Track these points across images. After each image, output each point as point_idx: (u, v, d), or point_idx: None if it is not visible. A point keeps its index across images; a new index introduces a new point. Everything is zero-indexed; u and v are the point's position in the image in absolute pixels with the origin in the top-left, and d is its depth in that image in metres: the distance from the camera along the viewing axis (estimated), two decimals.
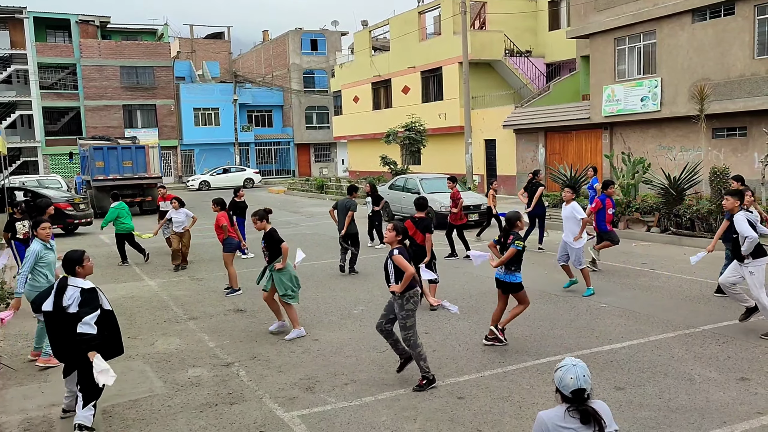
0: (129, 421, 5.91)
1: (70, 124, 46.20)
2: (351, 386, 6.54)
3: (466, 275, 11.79)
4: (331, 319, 9.20)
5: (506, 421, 5.61)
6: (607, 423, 3.29)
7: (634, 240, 15.29)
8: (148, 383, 6.87)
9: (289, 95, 52.30)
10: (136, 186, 26.24)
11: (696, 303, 9.30)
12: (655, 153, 20.98)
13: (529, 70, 31.33)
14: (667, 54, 20.16)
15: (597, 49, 22.53)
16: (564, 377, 3.29)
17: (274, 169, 53.58)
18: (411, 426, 5.57)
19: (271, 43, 55.70)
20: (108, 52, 46.35)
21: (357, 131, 40.00)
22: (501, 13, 30.99)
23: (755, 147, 18.27)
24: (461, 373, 6.78)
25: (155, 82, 47.75)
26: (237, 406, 6.16)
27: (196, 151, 50.05)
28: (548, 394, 6.07)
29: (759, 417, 5.50)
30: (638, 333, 7.93)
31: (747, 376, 6.45)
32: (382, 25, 37.52)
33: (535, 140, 26.49)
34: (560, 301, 9.67)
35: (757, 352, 7.13)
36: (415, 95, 33.80)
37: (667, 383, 6.32)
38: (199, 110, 49.78)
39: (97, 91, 46.05)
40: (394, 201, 20.25)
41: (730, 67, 18.46)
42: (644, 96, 20.88)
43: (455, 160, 30.39)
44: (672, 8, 19.61)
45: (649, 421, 5.51)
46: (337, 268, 12.70)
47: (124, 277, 12.95)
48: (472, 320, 8.81)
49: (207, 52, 58.36)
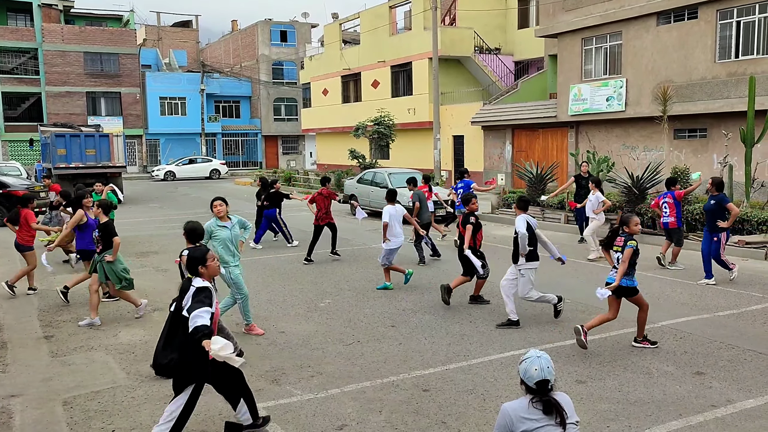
0: (91, 413, 5.83)
1: (31, 110, 44.98)
2: (317, 378, 6.55)
3: (434, 269, 11.89)
4: (297, 311, 9.19)
5: (470, 413, 5.70)
6: (569, 414, 3.37)
7: (598, 237, 15.54)
8: (111, 374, 6.78)
9: (258, 86, 51.82)
10: (99, 175, 25.67)
11: (656, 299, 9.54)
12: (619, 152, 21.38)
13: (497, 68, 31.61)
14: (632, 55, 20.54)
15: (564, 49, 22.84)
16: (529, 368, 3.36)
17: (241, 160, 53.05)
18: (377, 418, 5.62)
19: (240, 33, 55.07)
20: (71, 37, 45.23)
21: (326, 124, 39.85)
22: (471, 10, 31.16)
23: (714, 148, 18.76)
24: (426, 366, 6.85)
25: (120, 70, 46.78)
26: (202, 397, 6.10)
27: (162, 141, 49.27)
28: (512, 386, 6.18)
29: (713, 410, 5.69)
30: (600, 328, 8.09)
31: (702, 370, 6.65)
32: (352, 18, 37.40)
33: (502, 137, 26.75)
34: None
35: (713, 347, 7.36)
36: (385, 90, 33.82)
37: (627, 377, 6.48)
38: (165, 99, 48.99)
39: (59, 77, 44.93)
40: (362, 195, 20.24)
41: (693, 70, 18.90)
42: (610, 96, 21.25)
43: (424, 156, 30.53)
44: (638, 10, 19.97)
45: (608, 413, 5.65)
46: (304, 260, 12.74)
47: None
48: (439, 314, 8.89)
49: (174, 41, 57.43)
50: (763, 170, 17.47)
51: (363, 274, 11.72)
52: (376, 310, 9.16)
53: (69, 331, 8.31)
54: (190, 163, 42.91)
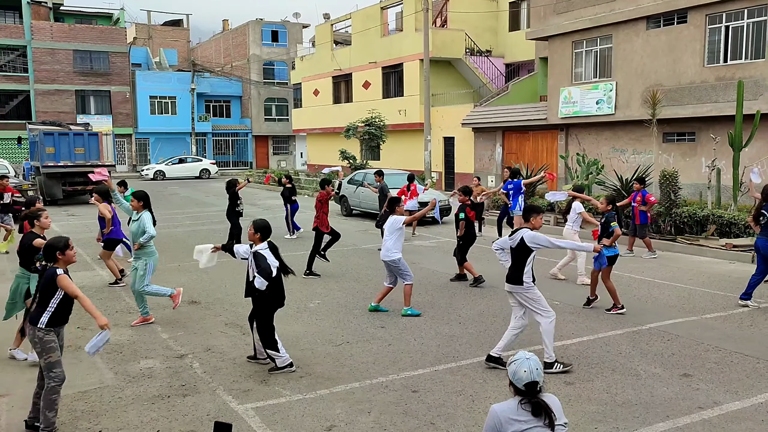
0: (78, 413, 5.79)
1: (19, 108, 44.62)
2: (306, 379, 6.54)
3: (423, 270, 11.89)
4: (287, 312, 9.15)
5: (459, 414, 5.71)
6: (557, 416, 3.38)
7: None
8: (98, 374, 6.74)
9: (248, 86, 51.67)
10: (88, 174, 25.54)
11: (643, 302, 9.60)
12: (609, 155, 21.49)
13: (488, 70, 31.69)
14: (622, 59, 20.66)
15: (555, 52, 22.93)
16: (518, 370, 3.36)
17: (231, 160, 52.87)
18: (365, 419, 5.61)
19: (231, 32, 54.91)
20: (61, 35, 44.92)
21: (316, 125, 39.79)
22: (463, 12, 31.24)
23: (703, 152, 18.89)
24: (416, 367, 6.85)
25: (110, 68, 46.51)
26: (190, 398, 6.10)
27: (152, 140, 49.01)
28: (501, 388, 6.19)
29: (700, 411, 5.72)
30: (588, 330, 8.14)
31: (689, 372, 6.70)
32: (344, 19, 37.38)
33: (493, 139, 26.82)
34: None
35: (700, 349, 7.41)
36: (376, 91, 33.82)
37: (615, 378, 6.51)
38: (155, 98, 48.73)
39: (48, 75, 44.61)
40: (352, 195, 20.24)
41: (682, 74, 19.02)
42: (599, 99, 21.36)
43: (414, 157, 30.55)
44: (628, 14, 20.09)
45: (596, 414, 5.68)
46: (293, 262, 12.67)
47: (75, 266, 12.59)
48: (428, 315, 8.89)
49: (165, 40, 57.14)
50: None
51: (353, 275, 11.71)
52: (366, 311, 9.16)
53: None
54: (180, 163, 42.69)
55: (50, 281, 5.24)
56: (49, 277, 5.24)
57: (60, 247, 5.37)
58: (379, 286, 10.66)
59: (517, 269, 6.71)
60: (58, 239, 5.45)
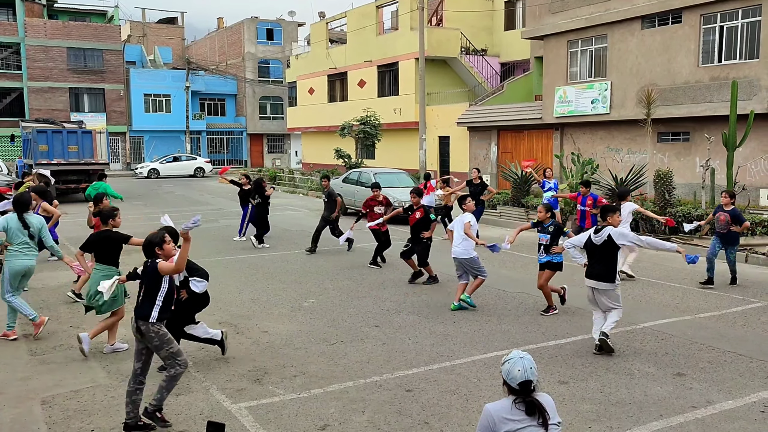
0: (70, 412, 5.76)
1: (13, 105, 44.41)
2: (300, 378, 6.52)
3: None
4: (281, 311, 9.14)
5: (453, 413, 5.70)
6: (551, 415, 3.37)
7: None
8: (91, 373, 6.70)
9: (243, 84, 51.56)
10: (81, 172, 25.44)
11: (637, 301, 9.61)
12: (604, 154, 21.53)
13: (484, 69, 31.71)
14: (617, 58, 20.69)
15: (550, 51, 22.96)
16: (512, 369, 3.35)
17: (225, 158, 52.71)
18: (359, 418, 5.60)
19: (226, 30, 54.76)
20: (54, 32, 44.73)
21: (311, 123, 39.75)
22: (458, 11, 31.24)
23: (697, 152, 18.95)
24: (410, 366, 6.84)
25: (104, 66, 46.35)
26: (183, 397, 6.07)
27: (146, 138, 48.85)
28: (495, 387, 6.18)
29: (693, 411, 5.73)
30: (583, 329, 8.14)
31: (683, 371, 6.71)
32: (339, 17, 37.36)
33: (488, 138, 26.83)
34: (508, 297, 9.85)
35: (693, 349, 7.42)
36: (371, 89, 33.80)
37: (609, 378, 6.52)
38: (149, 96, 48.57)
39: (41, 72, 44.42)
40: (347, 194, 20.20)
41: (676, 74, 19.07)
42: (594, 98, 21.39)
43: (409, 156, 30.55)
44: (623, 14, 20.12)
45: (590, 414, 5.68)
46: (288, 260, 12.68)
47: (62, 265, 12.52)
48: (422, 314, 8.89)
49: (159, 37, 56.95)
50: (745, 173, 17.70)
51: (347, 273, 11.70)
52: (360, 309, 9.14)
53: (48, 329, 8.20)
54: (175, 161, 42.57)
55: (154, 275, 5.43)
56: (153, 272, 5.44)
57: (157, 242, 5.60)
58: (373, 285, 10.67)
59: (607, 266, 7.06)
60: (154, 235, 5.66)
